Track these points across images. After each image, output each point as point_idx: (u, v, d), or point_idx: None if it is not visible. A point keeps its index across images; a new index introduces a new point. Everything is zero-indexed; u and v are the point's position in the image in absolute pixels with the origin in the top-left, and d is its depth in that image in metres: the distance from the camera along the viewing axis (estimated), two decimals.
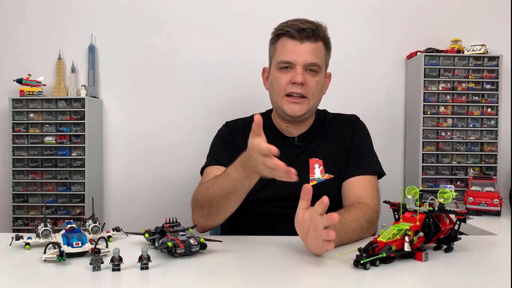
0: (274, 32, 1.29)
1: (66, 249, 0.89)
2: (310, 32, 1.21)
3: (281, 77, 1.24)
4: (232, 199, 1.06)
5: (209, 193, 1.10)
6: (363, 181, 1.24)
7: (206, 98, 2.18)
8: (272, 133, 1.35)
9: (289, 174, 0.87)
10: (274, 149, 0.88)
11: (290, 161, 1.30)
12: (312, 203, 1.14)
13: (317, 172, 1.28)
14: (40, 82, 2.04)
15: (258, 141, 0.91)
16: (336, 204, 1.19)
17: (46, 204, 2.00)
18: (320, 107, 1.43)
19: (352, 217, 1.07)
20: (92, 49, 2.14)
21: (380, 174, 1.31)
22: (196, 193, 1.17)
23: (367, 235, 1.12)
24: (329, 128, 1.36)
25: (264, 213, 1.26)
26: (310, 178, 1.27)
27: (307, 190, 0.89)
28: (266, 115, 1.41)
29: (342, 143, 1.32)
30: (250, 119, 1.42)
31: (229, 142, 1.36)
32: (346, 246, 1.01)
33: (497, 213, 1.55)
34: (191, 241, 0.91)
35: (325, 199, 0.85)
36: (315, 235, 0.86)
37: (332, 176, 1.28)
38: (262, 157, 0.90)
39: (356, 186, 1.23)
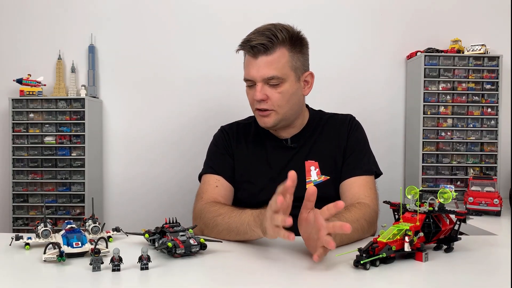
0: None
1: (66, 249, 0.89)
2: (261, 47, 1.17)
3: (249, 93, 1.27)
4: (233, 237, 1.07)
5: (217, 220, 1.11)
6: (361, 181, 1.24)
7: (206, 99, 2.18)
8: (265, 136, 1.36)
9: (288, 238, 0.85)
10: (287, 219, 0.84)
11: (286, 163, 1.30)
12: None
13: (313, 174, 1.28)
14: (40, 82, 2.04)
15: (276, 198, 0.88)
16: None
17: (46, 204, 2.00)
18: (319, 107, 1.43)
19: (353, 217, 1.07)
20: (92, 49, 2.14)
21: (377, 173, 1.31)
22: (204, 211, 1.17)
23: (367, 235, 1.12)
24: (324, 128, 1.35)
25: None
26: (307, 180, 1.27)
27: (311, 192, 0.88)
28: None
29: (337, 144, 1.31)
30: (245, 121, 1.43)
31: (224, 148, 1.36)
32: (346, 246, 1.01)
33: (497, 213, 1.55)
34: (191, 241, 0.92)
35: (339, 204, 0.85)
36: (316, 237, 0.86)
37: (328, 177, 1.28)
38: (272, 213, 0.88)
39: (354, 186, 1.23)
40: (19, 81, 2.00)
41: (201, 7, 2.17)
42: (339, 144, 1.31)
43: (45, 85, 2.08)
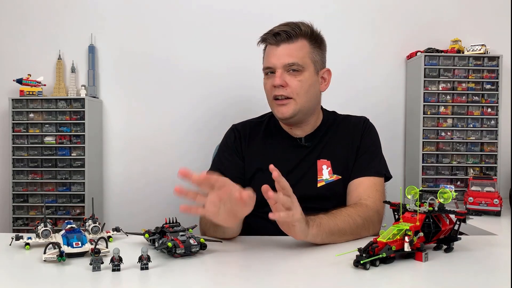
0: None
1: (66, 249, 0.89)
2: (284, 35, 1.21)
3: (267, 82, 1.28)
4: (220, 234, 1.08)
5: None
6: (369, 182, 1.24)
7: (207, 98, 2.18)
8: (279, 135, 1.36)
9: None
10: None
11: (298, 161, 1.31)
12: (320, 203, 1.15)
13: (325, 173, 1.28)
14: (40, 82, 2.04)
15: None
16: (343, 205, 1.19)
17: (46, 204, 2.00)
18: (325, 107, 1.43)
19: (342, 211, 1.09)
20: (92, 49, 2.14)
21: (387, 177, 1.31)
22: None
23: (365, 232, 1.12)
24: (337, 129, 1.35)
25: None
26: (318, 179, 1.28)
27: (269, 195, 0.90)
28: (274, 117, 1.41)
29: (350, 145, 1.32)
30: (258, 120, 1.43)
31: (233, 148, 1.36)
32: (346, 247, 1.00)
33: (497, 213, 1.55)
34: (191, 241, 0.92)
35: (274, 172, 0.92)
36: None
37: (340, 177, 1.28)
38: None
39: (360, 187, 1.24)
40: (19, 81, 2.00)
41: (202, 6, 2.17)
42: (352, 145, 1.32)
43: (45, 85, 2.08)
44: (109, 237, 1.05)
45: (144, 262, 0.83)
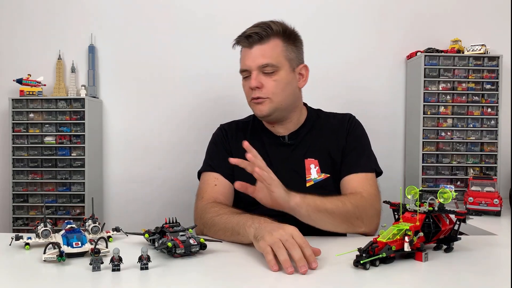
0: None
1: (66, 249, 0.89)
2: (256, 36, 1.22)
3: (245, 85, 1.30)
4: (228, 237, 1.07)
5: (215, 220, 1.12)
6: (360, 177, 1.24)
7: (206, 99, 2.18)
8: (263, 134, 1.36)
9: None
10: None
11: (283, 160, 1.30)
12: None
13: (313, 172, 1.28)
14: (40, 82, 2.04)
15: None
16: None
17: (46, 204, 2.00)
18: (319, 107, 1.43)
19: (333, 196, 1.12)
20: (92, 49, 2.14)
21: (377, 172, 1.30)
22: (205, 211, 1.19)
23: (358, 222, 1.12)
24: (322, 126, 1.35)
25: (263, 213, 1.27)
26: (307, 178, 1.28)
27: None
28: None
29: (336, 142, 1.31)
30: (245, 120, 1.44)
31: (222, 145, 1.37)
32: (346, 247, 1.00)
33: (497, 213, 1.55)
34: (191, 241, 0.92)
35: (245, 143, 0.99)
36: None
37: (328, 175, 1.28)
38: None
39: (353, 182, 1.24)
40: (19, 81, 2.00)
41: (201, 6, 2.17)
42: (338, 143, 1.31)
43: (45, 85, 2.08)
44: (109, 237, 1.06)
45: (144, 262, 0.83)
